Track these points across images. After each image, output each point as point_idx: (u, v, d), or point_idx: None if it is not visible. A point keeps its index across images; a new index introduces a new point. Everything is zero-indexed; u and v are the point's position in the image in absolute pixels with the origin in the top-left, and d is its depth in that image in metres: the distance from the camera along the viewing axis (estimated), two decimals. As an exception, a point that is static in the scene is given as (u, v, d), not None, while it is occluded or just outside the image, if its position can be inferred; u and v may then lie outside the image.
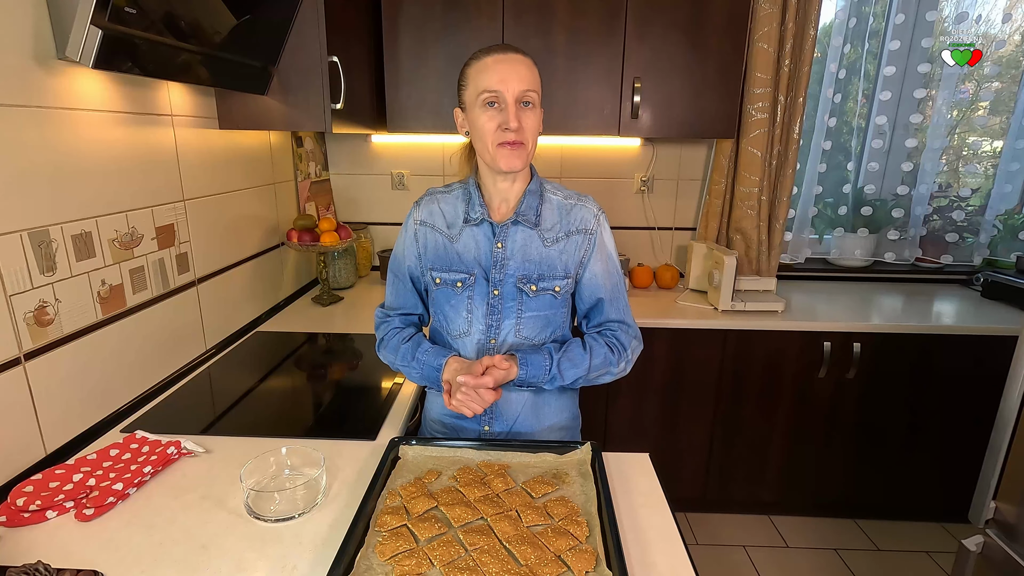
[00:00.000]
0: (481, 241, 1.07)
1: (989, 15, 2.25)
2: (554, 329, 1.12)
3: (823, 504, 2.21)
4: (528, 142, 1.01)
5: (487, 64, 0.98)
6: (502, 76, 0.97)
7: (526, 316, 1.08)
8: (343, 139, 2.38)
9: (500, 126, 0.98)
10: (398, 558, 0.75)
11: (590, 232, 1.08)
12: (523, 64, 0.99)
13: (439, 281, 1.10)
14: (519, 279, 1.06)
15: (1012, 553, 1.33)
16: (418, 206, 1.13)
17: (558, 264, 1.07)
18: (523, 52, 1.01)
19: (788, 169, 2.19)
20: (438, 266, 1.10)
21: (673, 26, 1.91)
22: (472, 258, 1.07)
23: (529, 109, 1.00)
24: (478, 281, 1.07)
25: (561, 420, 1.18)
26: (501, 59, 0.98)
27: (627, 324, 1.13)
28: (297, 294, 2.16)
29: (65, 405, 1.08)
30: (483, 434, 1.15)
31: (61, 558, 0.79)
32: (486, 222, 1.07)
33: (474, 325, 1.09)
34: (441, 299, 1.11)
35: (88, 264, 1.12)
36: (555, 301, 1.09)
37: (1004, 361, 1.45)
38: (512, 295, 1.07)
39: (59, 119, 1.04)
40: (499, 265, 1.06)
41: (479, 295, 1.07)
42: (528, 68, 0.99)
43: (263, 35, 1.41)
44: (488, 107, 0.99)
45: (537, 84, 1.00)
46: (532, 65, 1.00)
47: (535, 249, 1.06)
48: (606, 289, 1.10)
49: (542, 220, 1.07)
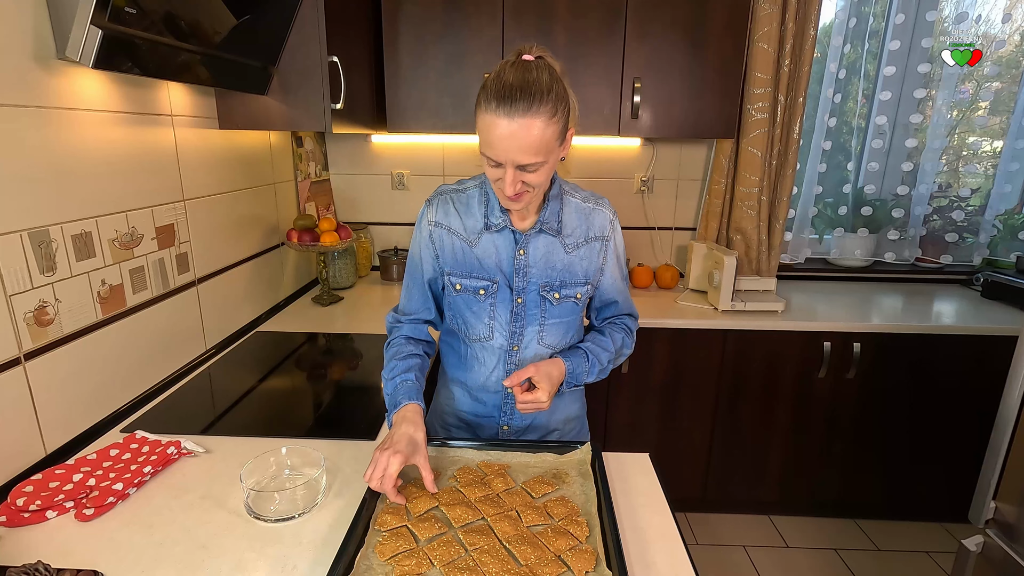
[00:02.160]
0: (502, 247, 1.04)
1: (989, 15, 2.25)
2: (573, 334, 1.13)
3: (823, 504, 2.21)
4: (534, 190, 0.93)
5: (490, 124, 0.85)
6: (502, 147, 0.86)
7: (549, 323, 1.07)
8: (343, 139, 2.38)
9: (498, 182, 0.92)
10: (398, 558, 0.75)
11: (607, 239, 1.08)
12: (526, 132, 0.84)
13: (459, 287, 1.06)
14: (542, 287, 1.05)
15: (1012, 553, 1.33)
16: (431, 205, 1.07)
17: (579, 271, 1.07)
18: (537, 105, 0.84)
19: (788, 169, 2.19)
20: (457, 271, 1.05)
21: (673, 26, 1.91)
22: (493, 264, 1.04)
23: (533, 170, 0.89)
24: (501, 288, 1.05)
25: (572, 410, 1.21)
26: (504, 126, 0.84)
27: (632, 314, 1.20)
28: (297, 294, 2.16)
29: (65, 405, 1.08)
30: (501, 432, 1.16)
31: (61, 558, 0.79)
32: (508, 229, 1.03)
33: (496, 331, 1.07)
34: (461, 304, 1.07)
35: (88, 264, 1.12)
36: (576, 307, 1.09)
37: (1004, 361, 1.46)
38: (535, 303, 1.06)
39: (59, 119, 1.04)
40: (521, 273, 1.04)
41: (502, 302, 1.05)
42: (531, 134, 0.85)
43: (263, 35, 1.41)
44: (489, 161, 0.90)
45: (547, 148, 0.87)
46: (545, 126, 0.85)
47: (557, 257, 1.05)
48: (622, 291, 1.15)
49: (563, 226, 1.05)
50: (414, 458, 0.89)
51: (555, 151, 0.91)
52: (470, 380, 1.14)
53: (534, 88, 0.84)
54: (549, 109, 0.85)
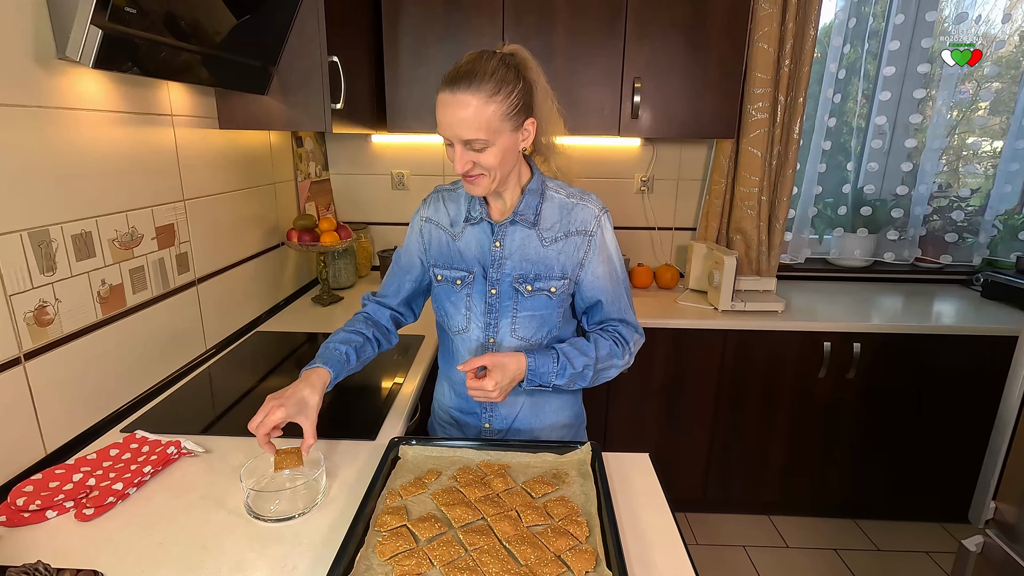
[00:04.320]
0: (481, 240, 1.08)
1: (989, 15, 2.25)
2: (550, 329, 1.11)
3: (823, 504, 2.21)
4: (488, 173, 0.97)
5: (439, 102, 0.94)
6: (447, 122, 0.93)
7: (521, 316, 1.08)
8: (343, 139, 2.38)
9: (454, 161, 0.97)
10: (398, 558, 0.75)
11: (589, 234, 1.07)
12: (466, 109, 0.90)
13: (440, 278, 1.12)
14: (515, 279, 1.07)
15: (1012, 553, 1.33)
16: (426, 204, 1.15)
17: (555, 265, 1.07)
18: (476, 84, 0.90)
19: (788, 169, 2.19)
20: (440, 263, 1.12)
21: (673, 26, 1.91)
22: (473, 256, 1.09)
23: (481, 150, 0.94)
24: (477, 279, 1.08)
25: (562, 419, 1.19)
26: (448, 102, 0.91)
27: (628, 322, 1.13)
28: (297, 294, 2.16)
29: (65, 405, 1.08)
30: (483, 431, 1.17)
31: (61, 558, 0.79)
32: (485, 221, 1.08)
33: (472, 323, 1.10)
34: (442, 295, 1.12)
35: (88, 264, 1.12)
36: (550, 302, 1.08)
37: (1004, 361, 1.46)
38: (508, 294, 1.07)
39: (59, 119, 1.04)
40: (496, 264, 1.07)
41: (478, 293, 1.09)
42: (473, 112, 0.90)
43: (263, 35, 1.41)
44: (445, 143, 0.97)
45: (488, 127, 0.92)
46: (483, 103, 0.90)
47: (533, 249, 1.06)
48: (607, 291, 1.10)
49: (541, 219, 1.06)
50: (298, 417, 0.93)
51: (503, 133, 0.94)
52: (453, 374, 1.18)
53: (477, 70, 0.91)
54: (489, 88, 0.91)
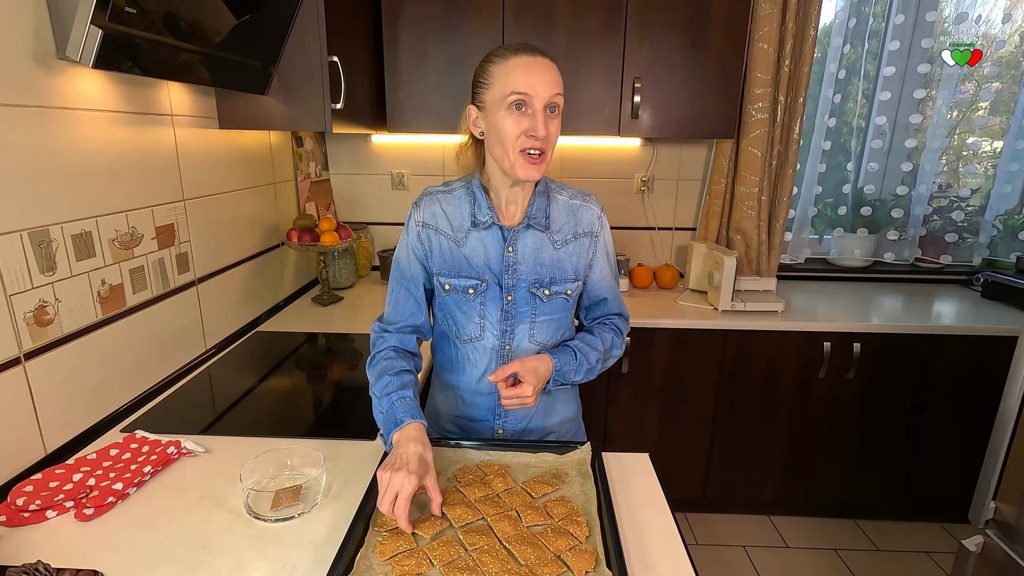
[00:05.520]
0: (490, 245, 1.04)
1: (989, 15, 2.25)
2: (564, 331, 1.12)
3: (823, 504, 2.21)
4: (549, 152, 0.97)
5: (517, 65, 0.94)
6: (532, 81, 0.93)
7: (540, 320, 1.07)
8: (343, 139, 2.38)
9: (526, 132, 0.94)
10: (398, 558, 0.75)
11: (595, 235, 1.08)
12: (552, 70, 0.96)
13: (448, 287, 1.05)
14: (532, 284, 1.05)
15: (1012, 553, 1.33)
16: (418, 207, 1.07)
17: (568, 267, 1.07)
18: (550, 56, 0.97)
19: (788, 169, 2.19)
20: (446, 271, 1.05)
21: (673, 26, 1.91)
22: (481, 263, 1.04)
23: (555, 116, 0.97)
24: (490, 287, 1.04)
25: (568, 412, 1.20)
26: (531, 62, 0.94)
27: (623, 315, 1.18)
28: (297, 294, 2.16)
29: (65, 405, 1.08)
30: (496, 436, 1.14)
31: (61, 558, 0.79)
32: (496, 226, 1.04)
33: (487, 331, 1.07)
34: (452, 305, 1.07)
35: (88, 264, 1.12)
36: (567, 304, 1.09)
37: (1004, 361, 1.46)
38: (525, 300, 1.06)
39: (59, 119, 1.04)
40: (511, 270, 1.04)
41: (492, 301, 1.05)
42: (556, 73, 0.96)
43: (263, 35, 1.41)
44: (515, 110, 0.94)
45: (563, 89, 0.98)
46: (558, 70, 0.97)
47: (546, 253, 1.05)
48: (611, 289, 1.14)
49: (551, 222, 1.05)
50: (425, 479, 0.84)
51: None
52: (462, 383, 1.13)
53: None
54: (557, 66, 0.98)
